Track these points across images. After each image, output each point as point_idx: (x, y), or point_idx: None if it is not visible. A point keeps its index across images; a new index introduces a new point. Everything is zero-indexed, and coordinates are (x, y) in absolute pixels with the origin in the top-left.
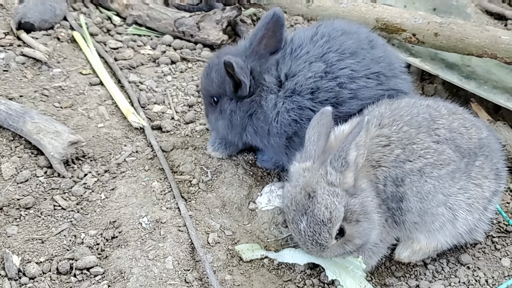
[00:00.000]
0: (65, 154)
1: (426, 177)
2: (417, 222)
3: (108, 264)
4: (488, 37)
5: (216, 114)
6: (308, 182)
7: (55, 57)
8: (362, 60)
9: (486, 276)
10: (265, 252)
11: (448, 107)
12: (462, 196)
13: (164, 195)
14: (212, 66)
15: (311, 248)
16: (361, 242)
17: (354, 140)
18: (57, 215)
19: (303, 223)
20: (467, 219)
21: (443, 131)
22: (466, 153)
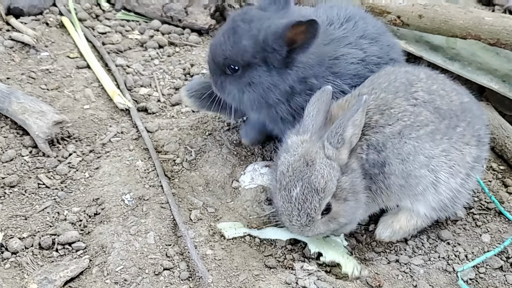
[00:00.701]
0: (50, 133)
1: (405, 139)
2: (402, 185)
3: (90, 240)
4: (471, 18)
5: (240, 86)
6: (307, 151)
7: (43, 41)
8: (382, 46)
9: (465, 251)
10: (248, 230)
11: (428, 73)
12: (444, 159)
13: (147, 173)
14: (242, 33)
15: (296, 221)
16: (346, 221)
17: (351, 117)
18: (41, 193)
19: (297, 189)
20: (449, 183)
21: (421, 93)
22: (446, 115)
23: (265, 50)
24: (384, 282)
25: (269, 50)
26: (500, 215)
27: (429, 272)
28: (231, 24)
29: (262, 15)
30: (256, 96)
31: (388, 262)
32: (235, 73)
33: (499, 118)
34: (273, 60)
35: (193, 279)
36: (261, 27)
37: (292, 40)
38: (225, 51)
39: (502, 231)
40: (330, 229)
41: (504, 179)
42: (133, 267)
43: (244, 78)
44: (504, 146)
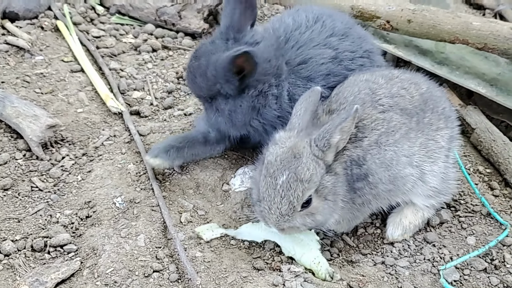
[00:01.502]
0: (43, 137)
1: (384, 146)
2: (390, 189)
3: (82, 242)
4: (459, 23)
5: (213, 112)
6: (295, 145)
7: (38, 45)
8: (354, 40)
9: (451, 253)
10: (224, 231)
11: (385, 75)
12: (423, 151)
13: (139, 176)
14: (194, 71)
15: (276, 209)
16: (321, 220)
17: (340, 125)
18: (34, 196)
19: (283, 177)
20: (433, 170)
21: (385, 99)
22: (413, 113)
23: (216, 83)
24: (369, 283)
25: (222, 82)
26: (486, 217)
27: (414, 274)
28: (188, 63)
29: (210, 49)
30: (225, 119)
31: (374, 264)
32: (211, 100)
33: (486, 121)
34: (227, 90)
35: (182, 281)
36: (208, 63)
37: (240, 68)
38: (191, 88)
39: (487, 233)
40: (305, 224)
41: (490, 182)
42: (123, 269)
43: (214, 105)
44: (491, 149)
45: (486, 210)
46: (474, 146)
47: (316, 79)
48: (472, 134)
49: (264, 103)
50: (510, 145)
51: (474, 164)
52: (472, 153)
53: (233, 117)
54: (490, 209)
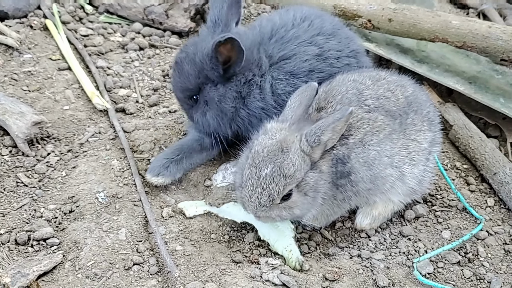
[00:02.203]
0: (29, 133)
1: (368, 145)
2: (370, 188)
3: (64, 236)
4: (439, 22)
5: (201, 110)
6: (285, 138)
7: (26, 43)
8: (341, 40)
9: (426, 247)
10: (208, 208)
11: (372, 76)
12: (404, 153)
13: (122, 172)
14: (182, 61)
15: (255, 198)
16: (298, 214)
17: (333, 124)
18: (19, 191)
19: (267, 169)
20: (413, 172)
21: (371, 100)
22: (397, 115)
23: (204, 69)
24: (345, 275)
25: (208, 69)
26: (461, 212)
27: (389, 266)
28: (174, 59)
29: (198, 39)
30: (214, 111)
31: (350, 257)
32: (196, 102)
33: (464, 118)
34: (214, 77)
35: (161, 274)
36: (196, 50)
37: (227, 57)
38: (178, 84)
39: (462, 227)
40: (281, 216)
41: (467, 177)
42: (104, 262)
43: (201, 100)
44: (468, 145)
45: (462, 204)
46: (452, 143)
47: (299, 75)
48: (450, 131)
49: (248, 92)
50: (487, 142)
51: (451, 160)
52: (450, 149)
53: (222, 104)
54: (466, 204)
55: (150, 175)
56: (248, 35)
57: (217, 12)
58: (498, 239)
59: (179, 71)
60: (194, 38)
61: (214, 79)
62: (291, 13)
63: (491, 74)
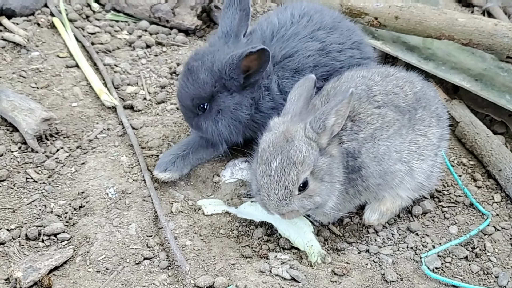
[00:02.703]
0: (38, 130)
1: (378, 141)
2: (380, 184)
3: (75, 231)
4: (445, 19)
5: (212, 118)
6: (288, 129)
7: (34, 41)
8: (342, 32)
9: (433, 242)
10: (227, 208)
11: (381, 73)
12: (413, 148)
13: (131, 168)
14: (197, 69)
15: (274, 195)
16: (320, 201)
17: (335, 107)
18: (29, 187)
19: (276, 162)
20: (422, 167)
21: (380, 96)
22: (406, 110)
23: (222, 78)
24: (353, 270)
25: (227, 78)
26: (468, 208)
27: (397, 262)
28: (186, 67)
29: (211, 49)
30: (228, 120)
31: (358, 252)
32: (205, 111)
33: (470, 115)
34: (231, 86)
35: (172, 268)
36: (213, 60)
37: (247, 67)
38: (189, 92)
39: (469, 223)
40: (304, 207)
41: (473, 173)
42: (115, 257)
43: (213, 109)
44: (474, 142)
45: (469, 200)
46: (458, 139)
47: (304, 71)
48: (457, 128)
49: (259, 95)
50: (493, 138)
51: (458, 156)
52: (457, 145)
53: (238, 112)
54: (473, 200)
55: (157, 171)
56: (253, 39)
57: (228, 23)
58: (505, 234)
59: (194, 79)
60: (208, 47)
61: (231, 88)
62: (289, 11)
63: (496, 72)
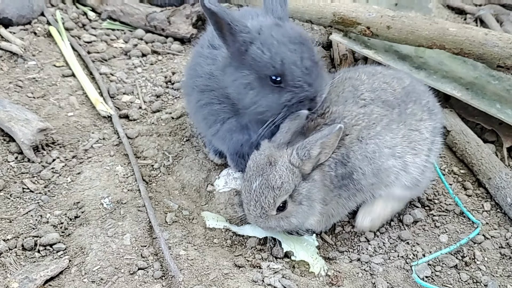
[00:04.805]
0: (35, 140)
1: (366, 140)
2: (374, 183)
3: (70, 241)
4: (436, 29)
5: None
6: (273, 153)
7: (30, 50)
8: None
9: (424, 250)
10: (228, 225)
11: (367, 72)
12: (406, 142)
13: (126, 178)
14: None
15: (252, 211)
16: (296, 223)
17: (321, 139)
18: (26, 197)
19: (256, 183)
20: (416, 162)
21: (367, 94)
22: (395, 104)
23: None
24: (345, 279)
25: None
26: (459, 216)
27: (387, 270)
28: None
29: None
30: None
31: (350, 261)
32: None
33: (461, 124)
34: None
35: (165, 278)
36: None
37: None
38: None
39: (460, 231)
40: (280, 226)
41: (464, 182)
42: (110, 267)
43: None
44: (465, 151)
45: (459, 209)
46: (449, 148)
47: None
48: (448, 136)
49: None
50: (483, 147)
51: (449, 165)
52: (448, 154)
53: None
54: (463, 208)
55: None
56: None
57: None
58: (495, 243)
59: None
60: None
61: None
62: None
63: (488, 80)
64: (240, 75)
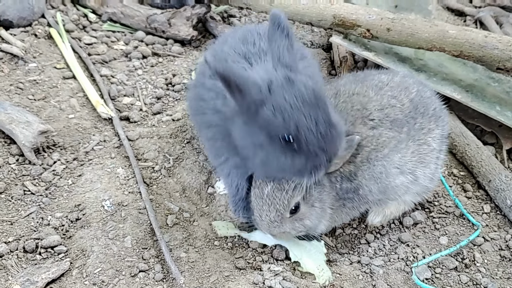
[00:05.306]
0: (35, 142)
1: (374, 161)
2: (380, 199)
3: (71, 243)
4: (436, 31)
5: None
6: None
7: (31, 52)
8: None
9: (424, 253)
10: (239, 232)
11: (373, 86)
12: (416, 158)
13: (127, 180)
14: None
15: (265, 216)
16: (310, 225)
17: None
18: (27, 199)
19: (268, 188)
20: (425, 173)
21: (376, 113)
22: (404, 122)
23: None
24: (345, 281)
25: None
26: (459, 218)
27: (388, 272)
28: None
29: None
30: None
31: (350, 263)
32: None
33: (460, 126)
34: None
35: (167, 280)
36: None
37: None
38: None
39: (460, 233)
40: (295, 229)
41: (464, 184)
42: (111, 269)
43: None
44: (465, 153)
45: (459, 211)
46: (449, 150)
47: None
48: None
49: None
50: (483, 149)
51: (449, 167)
52: (447, 156)
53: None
54: (463, 210)
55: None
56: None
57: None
58: (494, 245)
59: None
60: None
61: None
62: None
63: (487, 82)
64: (250, 132)
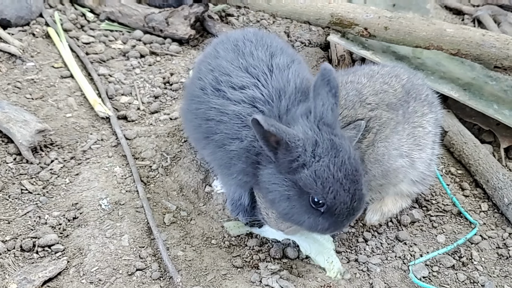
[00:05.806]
0: (33, 141)
1: (377, 143)
2: (383, 184)
3: (69, 242)
4: (434, 30)
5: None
6: None
7: (29, 51)
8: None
9: (421, 251)
10: (250, 229)
11: (365, 73)
12: (411, 140)
13: (124, 179)
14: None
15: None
16: None
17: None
18: (24, 198)
19: None
20: (422, 157)
21: (371, 98)
22: (398, 106)
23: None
24: (342, 280)
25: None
26: (456, 217)
27: (385, 271)
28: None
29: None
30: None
31: (348, 261)
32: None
33: (458, 124)
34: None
35: (164, 279)
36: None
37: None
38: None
39: (457, 232)
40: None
41: (461, 182)
42: (108, 268)
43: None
44: (462, 151)
45: (457, 209)
46: (447, 148)
47: None
48: (445, 137)
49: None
50: (481, 148)
51: (446, 165)
52: (445, 155)
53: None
54: (461, 208)
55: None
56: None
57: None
58: (492, 243)
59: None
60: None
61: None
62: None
63: (485, 80)
64: (281, 182)
